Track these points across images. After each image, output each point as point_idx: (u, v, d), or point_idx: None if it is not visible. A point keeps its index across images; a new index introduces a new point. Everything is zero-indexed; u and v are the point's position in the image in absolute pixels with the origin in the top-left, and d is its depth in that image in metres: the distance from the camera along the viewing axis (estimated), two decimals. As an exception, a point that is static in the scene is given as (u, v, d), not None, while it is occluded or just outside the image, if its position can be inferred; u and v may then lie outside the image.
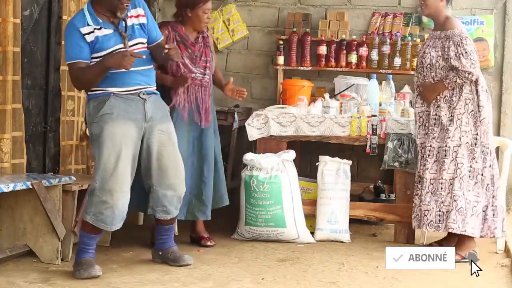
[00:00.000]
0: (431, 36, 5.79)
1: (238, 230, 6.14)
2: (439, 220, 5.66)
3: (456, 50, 5.56)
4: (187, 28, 5.75)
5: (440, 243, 5.88)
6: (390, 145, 6.15)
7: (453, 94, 5.66)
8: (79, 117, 6.24)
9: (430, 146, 5.72)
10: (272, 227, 5.99)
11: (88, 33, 4.83)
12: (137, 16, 5.02)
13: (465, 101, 5.63)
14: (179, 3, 5.78)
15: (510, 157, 6.06)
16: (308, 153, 7.24)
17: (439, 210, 5.66)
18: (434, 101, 5.71)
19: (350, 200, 6.26)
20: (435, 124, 5.71)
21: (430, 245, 5.93)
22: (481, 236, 5.66)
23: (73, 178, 5.30)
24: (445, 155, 5.64)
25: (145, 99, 4.97)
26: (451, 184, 5.63)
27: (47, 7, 5.90)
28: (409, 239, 6.16)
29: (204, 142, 5.76)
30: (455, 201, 5.60)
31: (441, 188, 5.65)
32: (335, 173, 6.19)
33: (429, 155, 5.72)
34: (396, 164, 6.15)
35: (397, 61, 7.37)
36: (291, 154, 6.13)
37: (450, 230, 5.64)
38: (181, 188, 5.14)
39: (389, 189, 7.24)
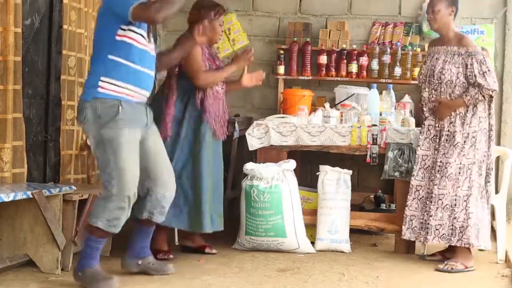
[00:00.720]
0: (446, 51, 5.75)
1: (239, 240, 6.13)
2: (451, 234, 5.67)
3: (479, 67, 5.58)
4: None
5: (443, 254, 5.88)
6: (390, 154, 6.15)
7: (467, 111, 5.67)
8: (79, 126, 6.24)
9: (440, 162, 5.72)
10: (273, 237, 5.98)
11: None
12: None
13: (479, 119, 5.65)
14: (194, 17, 5.77)
15: (511, 167, 6.06)
16: (308, 162, 7.24)
17: (453, 225, 5.67)
18: (448, 117, 5.72)
19: (351, 210, 6.25)
20: (446, 140, 5.72)
21: (433, 255, 5.93)
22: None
23: (74, 187, 5.30)
24: (459, 173, 5.66)
25: (147, 105, 4.96)
26: (465, 201, 5.65)
27: (48, 16, 5.91)
28: (409, 249, 6.15)
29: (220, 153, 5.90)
30: (470, 218, 5.63)
31: (455, 205, 5.66)
32: (335, 182, 6.19)
33: (438, 171, 5.72)
34: (397, 173, 6.14)
35: (398, 70, 7.38)
36: (292, 163, 6.12)
37: (467, 246, 5.65)
38: (174, 188, 5.14)
39: (389, 199, 7.24)
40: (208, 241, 6.01)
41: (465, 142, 5.66)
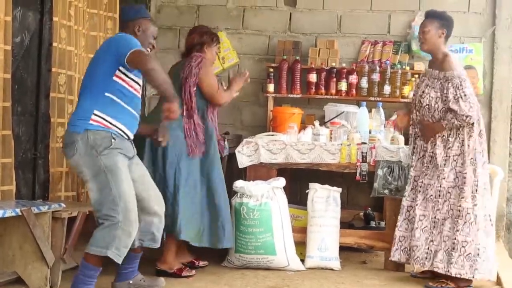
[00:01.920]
0: (429, 74, 5.77)
1: (228, 257, 6.12)
2: (426, 258, 5.67)
3: (455, 92, 5.56)
4: None
5: (433, 271, 5.87)
6: (380, 172, 6.16)
7: (450, 134, 5.67)
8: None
9: (422, 182, 5.74)
10: (262, 254, 5.97)
11: None
12: None
13: (461, 142, 5.64)
14: (195, 41, 5.93)
15: (500, 185, 6.07)
16: (298, 180, 7.25)
17: (428, 248, 5.67)
18: (432, 139, 5.72)
19: (340, 228, 6.25)
20: (430, 162, 5.73)
21: (423, 273, 5.92)
22: (472, 278, 5.63)
23: (63, 205, 5.28)
24: (439, 195, 5.66)
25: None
26: (442, 224, 5.64)
27: (38, 34, 5.92)
28: (399, 267, 6.15)
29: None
30: (444, 241, 5.61)
31: (433, 227, 5.66)
32: (325, 200, 6.19)
33: (420, 192, 5.74)
34: (386, 191, 6.15)
35: (387, 88, 7.41)
36: (281, 181, 6.12)
37: (435, 269, 5.64)
38: (162, 215, 5.11)
39: (379, 216, 7.25)
40: (197, 257, 6.00)
41: (445, 164, 5.66)
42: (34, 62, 5.91)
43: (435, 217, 5.68)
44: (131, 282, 5.18)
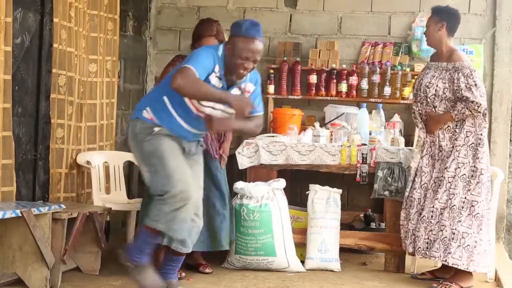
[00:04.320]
0: (435, 67, 5.77)
1: (228, 258, 6.11)
2: (427, 248, 5.67)
3: (466, 81, 5.57)
4: None
5: (433, 273, 5.88)
6: (380, 174, 6.16)
7: (456, 125, 5.67)
8: (69, 145, 6.24)
9: (431, 175, 5.74)
10: (262, 256, 5.97)
11: (215, 74, 4.82)
12: (245, 90, 4.99)
13: (466, 134, 5.65)
14: (194, 35, 5.88)
15: (500, 186, 6.07)
16: (298, 181, 7.24)
17: (427, 238, 5.67)
18: (437, 131, 5.73)
19: (340, 229, 6.25)
20: (437, 154, 5.73)
21: (423, 274, 5.93)
22: (467, 269, 5.63)
23: (63, 206, 5.28)
24: (439, 185, 5.66)
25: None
26: (441, 213, 5.63)
27: (38, 35, 5.92)
28: (399, 268, 6.15)
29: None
30: (441, 230, 5.61)
31: (431, 216, 5.66)
32: (325, 202, 6.19)
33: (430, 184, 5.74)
34: (386, 193, 6.15)
35: (387, 90, 7.41)
36: (281, 182, 6.12)
37: (432, 259, 5.64)
38: (199, 222, 5.03)
39: (379, 218, 7.25)
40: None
41: (449, 155, 5.67)
42: (35, 63, 5.92)
43: (433, 207, 5.67)
44: (166, 283, 5.06)
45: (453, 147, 5.66)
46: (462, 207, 5.60)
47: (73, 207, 5.55)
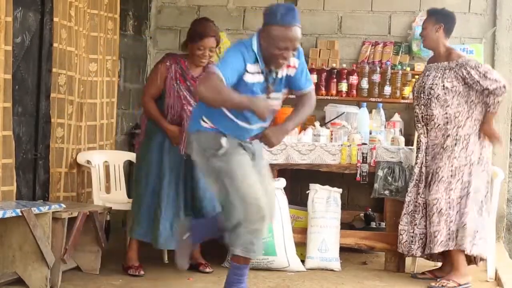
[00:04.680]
0: (436, 67, 5.78)
1: (229, 258, 6.10)
2: (449, 239, 5.64)
3: (478, 72, 5.58)
4: (190, 61, 5.79)
5: (433, 272, 5.88)
6: (380, 173, 6.16)
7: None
8: (69, 144, 6.24)
9: (434, 170, 5.72)
10: (263, 255, 5.95)
11: (251, 73, 4.51)
12: (289, 67, 4.69)
13: (474, 122, 5.65)
14: (190, 35, 5.84)
15: (500, 186, 6.07)
16: (298, 181, 7.24)
17: (449, 229, 5.63)
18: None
19: (341, 228, 6.25)
20: (439, 148, 5.73)
21: (423, 274, 5.93)
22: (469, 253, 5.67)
23: (63, 205, 5.28)
24: (451, 175, 5.64)
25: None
26: (459, 203, 5.62)
27: (38, 34, 5.92)
28: (399, 268, 6.15)
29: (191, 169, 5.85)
30: (460, 218, 5.60)
31: (449, 208, 5.63)
32: (325, 201, 6.19)
33: (430, 179, 5.72)
34: (387, 192, 6.15)
35: (387, 89, 7.41)
36: (282, 182, 6.12)
37: (460, 248, 5.62)
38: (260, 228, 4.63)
39: (379, 217, 7.25)
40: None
41: (455, 144, 5.66)
42: (35, 62, 5.92)
43: (449, 197, 5.64)
44: None
45: (460, 136, 5.64)
46: (468, 193, 5.63)
47: (73, 207, 5.55)
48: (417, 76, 7.18)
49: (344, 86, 7.48)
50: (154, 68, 5.87)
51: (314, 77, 7.51)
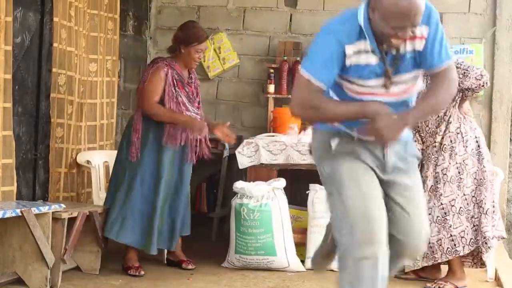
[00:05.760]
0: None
1: (228, 258, 6.11)
2: (477, 235, 5.55)
3: (458, 70, 5.48)
4: (180, 64, 5.78)
5: (417, 273, 5.80)
6: (380, 173, 6.14)
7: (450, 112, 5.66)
8: (69, 144, 6.24)
9: (438, 173, 5.70)
10: (263, 255, 5.97)
11: (352, 55, 3.45)
12: (415, 39, 3.47)
13: (457, 108, 5.62)
14: (175, 37, 5.82)
15: (500, 185, 6.07)
16: (298, 181, 7.23)
17: (473, 226, 5.57)
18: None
19: (341, 229, 6.23)
20: (436, 151, 5.70)
21: (406, 274, 5.83)
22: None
23: (63, 205, 5.28)
24: (459, 172, 5.59)
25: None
26: (473, 196, 5.59)
27: (38, 34, 5.92)
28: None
29: (185, 175, 5.87)
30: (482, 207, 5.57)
31: (467, 204, 5.57)
32: (325, 201, 6.17)
33: (437, 182, 5.69)
34: (387, 192, 6.13)
35: (387, 89, 7.39)
36: (282, 182, 6.12)
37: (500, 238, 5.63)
38: (420, 236, 3.71)
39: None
40: (197, 258, 6.01)
41: (451, 141, 5.62)
42: (35, 62, 5.92)
43: (464, 194, 5.59)
44: None
45: (451, 132, 5.62)
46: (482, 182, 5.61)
47: (73, 207, 5.55)
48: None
49: (344, 86, 7.47)
50: (152, 74, 5.71)
51: (314, 77, 7.49)
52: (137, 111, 5.80)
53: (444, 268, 5.73)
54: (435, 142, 5.63)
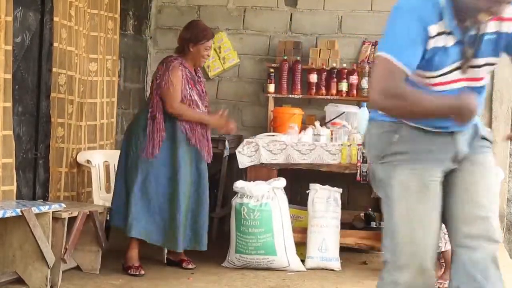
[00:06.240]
0: None
1: (229, 258, 6.11)
2: None
3: None
4: (189, 63, 5.80)
5: None
6: (380, 173, 6.15)
7: None
8: (69, 144, 6.23)
9: None
10: (263, 255, 5.97)
11: (435, 36, 3.03)
12: (502, 20, 3.09)
13: None
14: (181, 37, 5.85)
15: (500, 185, 6.07)
16: (298, 181, 7.24)
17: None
18: None
19: (341, 228, 6.25)
20: None
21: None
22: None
23: (63, 205, 5.28)
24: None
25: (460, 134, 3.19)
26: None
27: (38, 34, 5.92)
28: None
29: (203, 174, 5.88)
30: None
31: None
32: (325, 201, 6.18)
33: None
34: (387, 192, 6.14)
35: (387, 89, 7.39)
36: (282, 182, 6.12)
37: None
38: (488, 248, 3.51)
39: (379, 217, 7.23)
40: (197, 258, 6.00)
41: None
42: (35, 62, 5.91)
43: None
44: None
45: None
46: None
47: (73, 206, 5.55)
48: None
49: (344, 86, 7.47)
50: (172, 74, 5.72)
51: (314, 77, 7.50)
52: (158, 111, 5.73)
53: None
54: None
